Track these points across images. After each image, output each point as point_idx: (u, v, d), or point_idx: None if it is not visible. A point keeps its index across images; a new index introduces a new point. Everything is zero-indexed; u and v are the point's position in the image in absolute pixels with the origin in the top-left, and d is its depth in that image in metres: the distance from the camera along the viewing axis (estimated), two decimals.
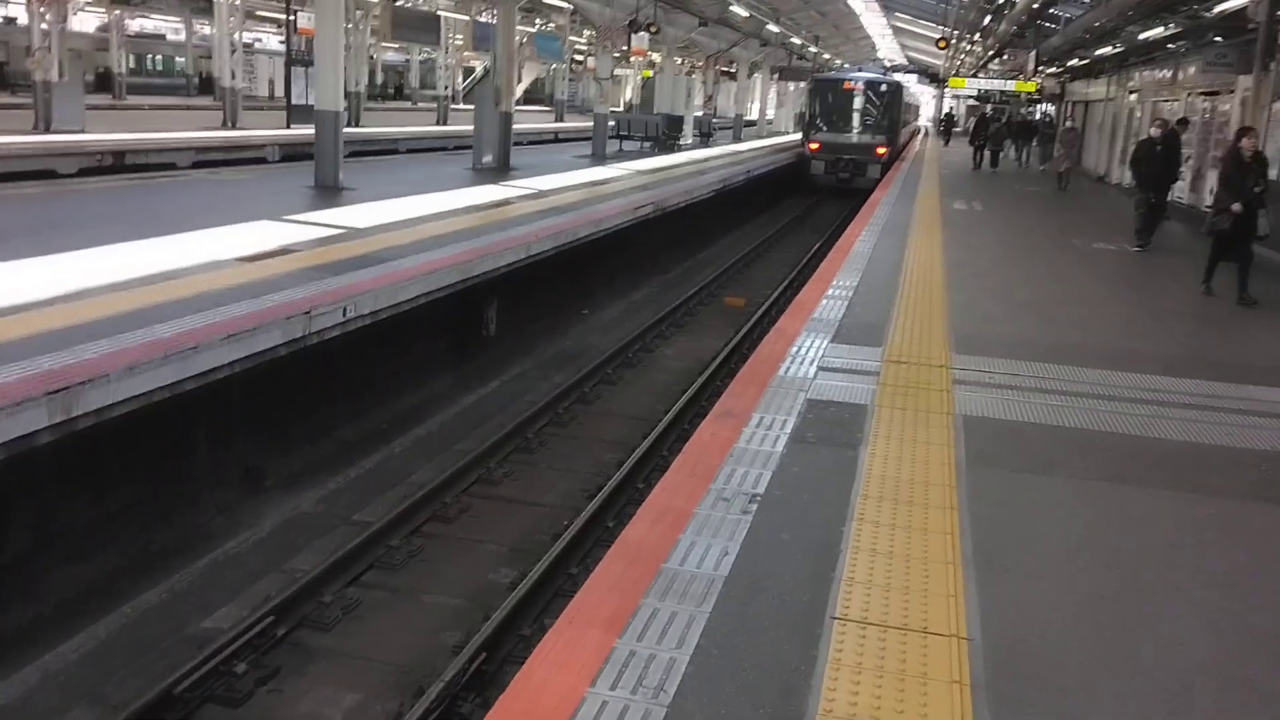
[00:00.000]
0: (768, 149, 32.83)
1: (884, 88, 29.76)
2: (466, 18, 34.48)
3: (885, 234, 13.95)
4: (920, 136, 54.39)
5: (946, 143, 44.34)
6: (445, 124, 33.91)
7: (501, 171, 18.38)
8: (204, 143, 20.37)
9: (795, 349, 7.17)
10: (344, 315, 7.58)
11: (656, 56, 30.74)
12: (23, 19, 29.71)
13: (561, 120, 40.37)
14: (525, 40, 42.98)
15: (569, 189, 16.45)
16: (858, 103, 28.99)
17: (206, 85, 39.57)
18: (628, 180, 18.94)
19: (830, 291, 9.28)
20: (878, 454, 5.11)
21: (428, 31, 33.78)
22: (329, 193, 13.43)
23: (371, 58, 47.96)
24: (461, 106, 51.64)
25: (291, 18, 26.85)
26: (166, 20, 44.53)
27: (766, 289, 16.23)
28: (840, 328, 7.79)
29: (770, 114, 48.83)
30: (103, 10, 35.88)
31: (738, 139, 38.23)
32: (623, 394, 10.42)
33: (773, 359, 6.92)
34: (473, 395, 10.29)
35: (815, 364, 6.80)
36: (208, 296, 7.09)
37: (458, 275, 9.86)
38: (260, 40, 47.90)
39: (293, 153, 22.41)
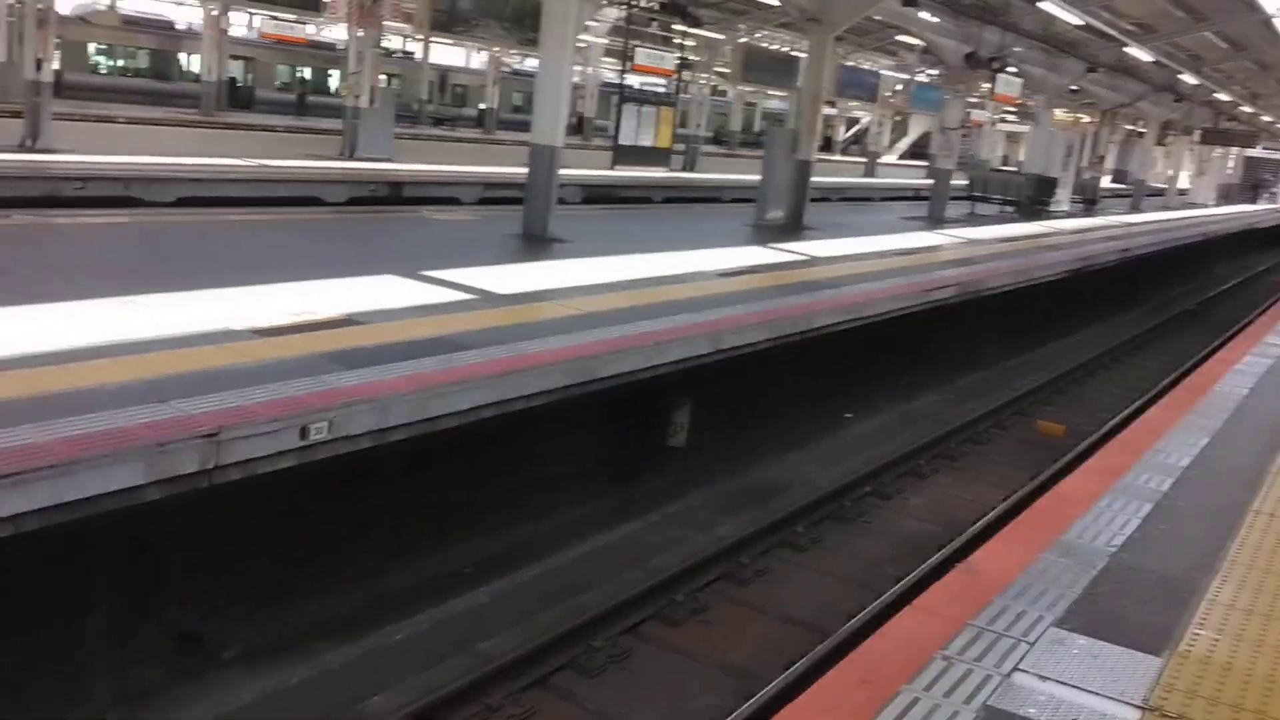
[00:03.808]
0: (1162, 224, 27.09)
1: None
2: None
3: None
4: None
5: None
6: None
7: (788, 230, 15.47)
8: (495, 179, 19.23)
9: (987, 618, 3.73)
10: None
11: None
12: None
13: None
14: (902, 89, 39.78)
15: (851, 258, 13.23)
16: None
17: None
18: (946, 252, 15.30)
19: (1128, 479, 5.51)
20: None
21: (781, 74, 31.56)
22: (534, 245, 11.26)
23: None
24: (837, 158, 49.16)
25: (630, 53, 25.66)
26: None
27: (1105, 412, 11.97)
28: (1096, 584, 4.14)
29: (1184, 183, 41.57)
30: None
31: (1136, 209, 32.38)
32: (802, 573, 7.14)
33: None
34: (608, 535, 7.52)
35: (1005, 661, 3.37)
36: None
37: (634, 362, 7.27)
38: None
39: (597, 194, 21.09)
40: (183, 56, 33.24)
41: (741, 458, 9.29)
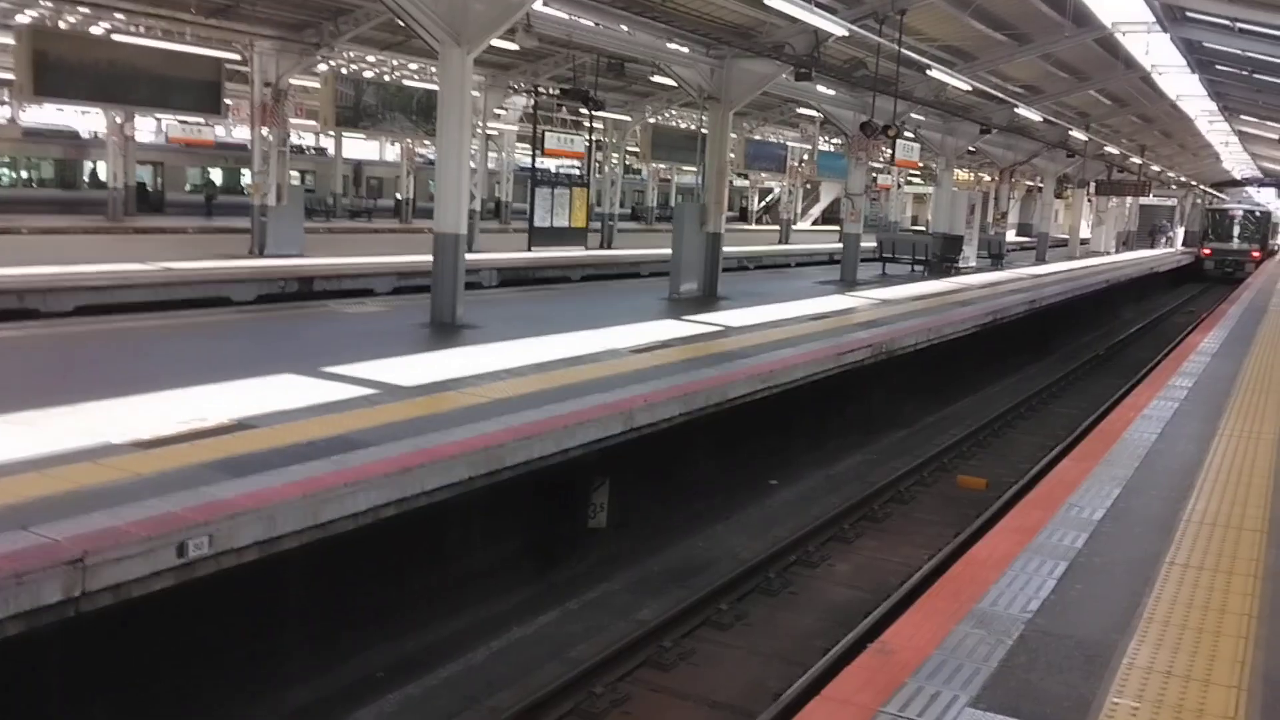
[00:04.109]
0: (1067, 274, 27.87)
1: (1258, 213, 42.56)
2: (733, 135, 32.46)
3: (1192, 399, 9.67)
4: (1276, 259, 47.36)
5: None
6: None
7: (703, 301, 15.54)
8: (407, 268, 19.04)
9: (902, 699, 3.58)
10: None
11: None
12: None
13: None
14: (807, 158, 40.73)
15: (765, 326, 13.27)
16: (1237, 225, 41.08)
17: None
18: (858, 314, 15.46)
19: (1042, 537, 5.44)
20: None
21: (689, 150, 32.05)
22: (443, 333, 11.08)
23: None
24: (752, 227, 49.96)
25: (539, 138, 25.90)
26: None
27: (1025, 462, 12.06)
28: (1013, 655, 4.02)
29: (1085, 232, 43.04)
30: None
31: (1041, 260, 33.32)
32: (728, 653, 6.92)
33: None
34: (527, 627, 7.24)
35: None
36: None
37: (543, 448, 7.11)
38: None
39: (514, 276, 21.01)
40: (88, 164, 32.73)
41: (665, 534, 9.12)
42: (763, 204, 60.46)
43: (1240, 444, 7.78)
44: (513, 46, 16.23)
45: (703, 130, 30.94)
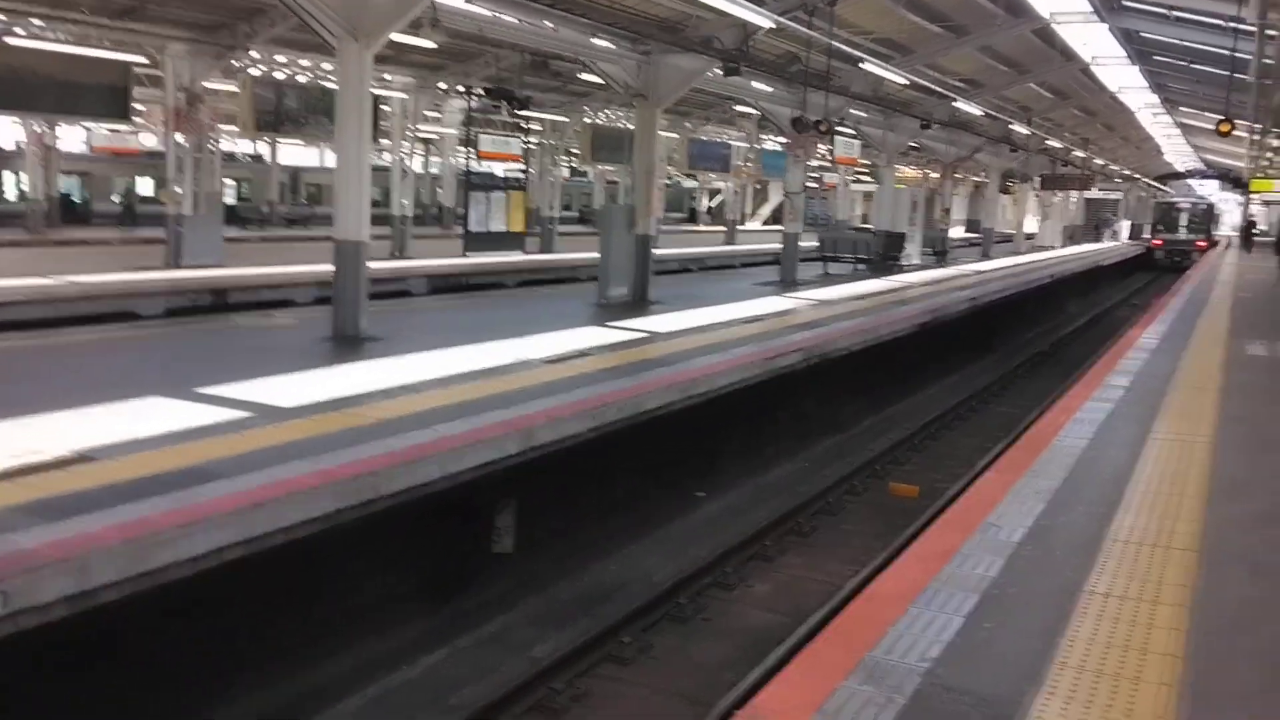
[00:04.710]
0: (1012, 269, 27.68)
1: (1202, 207, 47.06)
2: (674, 135, 32.02)
3: (1127, 400, 9.28)
4: (1221, 248, 48.20)
5: (1249, 250, 42.36)
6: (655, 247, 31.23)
7: (633, 306, 14.98)
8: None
9: None
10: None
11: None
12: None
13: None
14: (753, 158, 40.36)
15: (694, 331, 12.75)
16: (1184, 217, 44.46)
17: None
18: (794, 316, 15.00)
19: (954, 565, 4.93)
20: None
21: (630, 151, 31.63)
22: (343, 346, 10.43)
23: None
24: (701, 228, 49.50)
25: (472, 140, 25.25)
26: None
27: (961, 466, 11.63)
28: (904, 716, 3.48)
29: (1031, 227, 43.08)
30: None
31: (986, 256, 33.16)
32: (628, 691, 6.35)
33: None
34: (411, 669, 6.64)
35: None
36: None
37: (426, 473, 6.53)
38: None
39: (446, 284, 20.41)
40: (9, 175, 31.53)
41: (577, 557, 8.55)
42: (709, 205, 60.09)
43: (1174, 449, 7.36)
44: (433, 45, 15.61)
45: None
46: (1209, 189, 69.12)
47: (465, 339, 11.08)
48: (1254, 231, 47.82)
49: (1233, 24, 16.09)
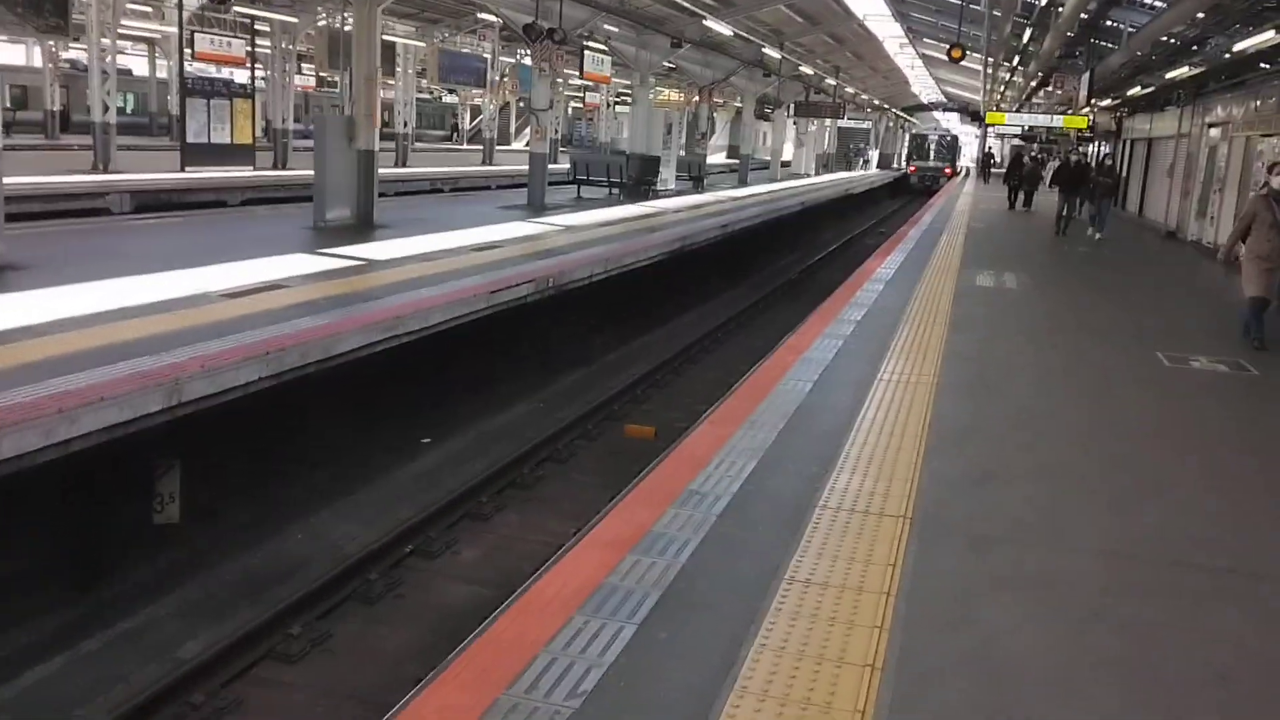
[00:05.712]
0: (765, 196, 27.81)
1: (948, 138, 55.53)
2: (421, 44, 30.10)
3: (858, 336, 8.97)
4: (960, 178, 51.66)
5: (986, 181, 45.76)
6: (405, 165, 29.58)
7: (355, 230, 13.61)
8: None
9: None
10: None
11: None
12: None
13: (556, 162, 35.73)
14: (509, 74, 38.79)
15: (419, 259, 11.62)
16: (934, 146, 52.92)
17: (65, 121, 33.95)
18: (532, 244, 14.07)
19: (635, 554, 4.19)
20: None
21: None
22: None
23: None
24: (463, 147, 47.45)
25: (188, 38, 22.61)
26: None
27: (701, 404, 11.14)
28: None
29: (787, 154, 43.84)
30: None
31: (743, 183, 33.30)
32: (291, 697, 5.36)
33: None
34: (31, 674, 5.39)
35: None
36: None
37: (35, 440, 5.19)
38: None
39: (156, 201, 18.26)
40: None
41: (261, 525, 7.42)
42: (476, 122, 57.89)
43: (896, 392, 7.00)
44: None
45: (398, 40, 28.62)
46: (951, 121, 73.31)
47: (139, 269, 9.53)
48: (991, 164, 51.10)
49: None
